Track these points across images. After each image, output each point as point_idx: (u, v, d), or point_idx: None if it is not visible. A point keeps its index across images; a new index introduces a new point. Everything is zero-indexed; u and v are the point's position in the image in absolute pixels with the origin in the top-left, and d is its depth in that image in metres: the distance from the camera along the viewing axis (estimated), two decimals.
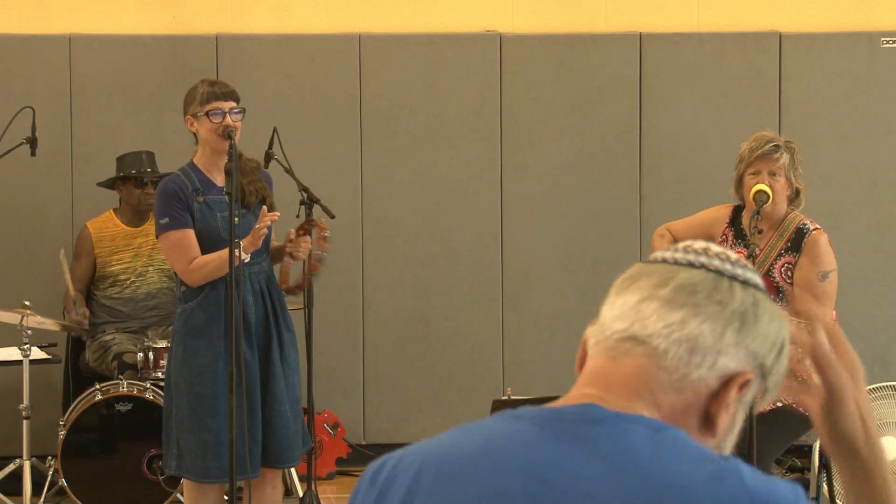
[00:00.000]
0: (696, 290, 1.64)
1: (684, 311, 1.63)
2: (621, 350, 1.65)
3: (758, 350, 1.64)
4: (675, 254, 1.69)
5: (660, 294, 1.64)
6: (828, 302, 5.25)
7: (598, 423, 1.61)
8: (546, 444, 1.59)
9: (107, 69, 7.10)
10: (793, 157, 5.33)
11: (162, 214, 5.13)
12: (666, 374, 1.63)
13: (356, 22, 7.31)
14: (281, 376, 5.15)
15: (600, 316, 1.70)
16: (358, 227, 7.19)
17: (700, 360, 1.62)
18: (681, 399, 1.63)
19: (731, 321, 1.63)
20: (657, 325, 1.63)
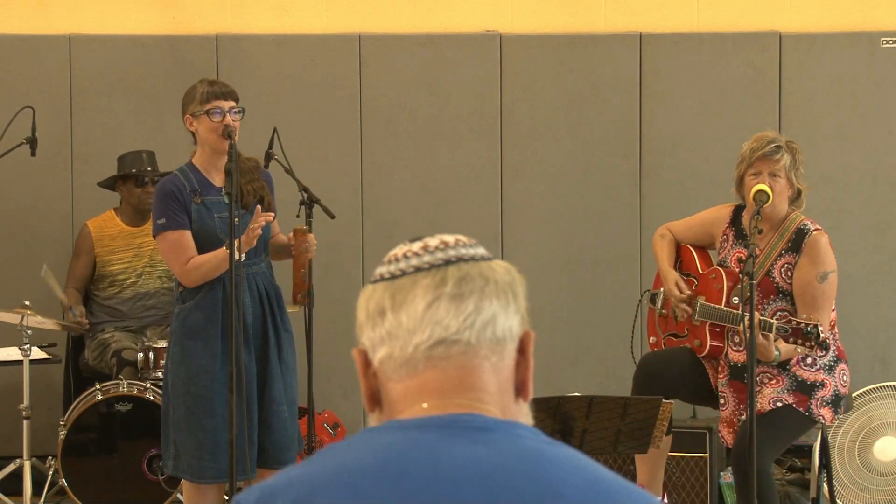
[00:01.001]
0: (471, 276, 1.70)
1: (473, 299, 1.68)
2: (437, 356, 1.67)
3: (524, 310, 1.72)
4: (419, 257, 1.73)
5: (445, 292, 1.68)
6: (826, 303, 5.25)
7: (490, 430, 1.64)
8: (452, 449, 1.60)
9: (107, 69, 7.10)
10: (794, 157, 5.32)
11: (159, 215, 5.12)
12: (487, 362, 1.68)
13: (356, 22, 7.30)
14: (279, 377, 5.14)
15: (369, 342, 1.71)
16: (358, 227, 7.19)
17: (503, 336, 1.68)
18: (501, 379, 1.69)
19: (507, 292, 1.70)
20: (457, 321, 1.67)
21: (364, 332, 1.72)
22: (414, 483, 1.58)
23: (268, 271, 5.28)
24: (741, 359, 5.29)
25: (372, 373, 1.70)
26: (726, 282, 5.43)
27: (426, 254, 1.73)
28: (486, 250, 1.77)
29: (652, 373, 5.48)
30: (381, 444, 1.62)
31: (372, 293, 1.73)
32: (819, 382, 5.29)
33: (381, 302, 1.71)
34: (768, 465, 5.18)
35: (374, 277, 1.75)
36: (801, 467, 6.77)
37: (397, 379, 1.68)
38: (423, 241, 1.75)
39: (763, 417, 5.14)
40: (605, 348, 7.12)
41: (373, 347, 1.71)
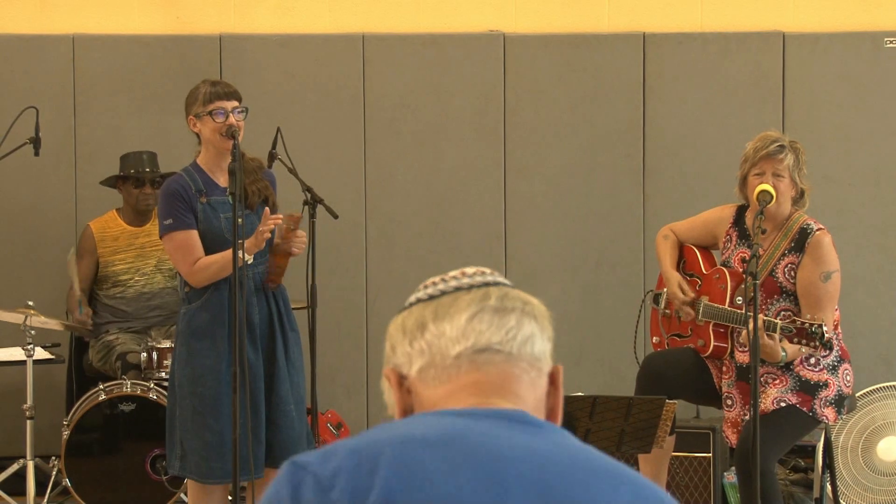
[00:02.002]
0: (511, 296, 1.74)
1: (514, 316, 1.72)
2: (481, 361, 1.70)
3: (551, 340, 1.76)
4: (459, 279, 1.77)
5: (488, 305, 1.72)
6: (830, 303, 5.25)
7: (540, 426, 1.68)
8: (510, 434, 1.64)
9: (110, 69, 7.10)
10: (797, 157, 5.32)
11: (165, 215, 5.12)
12: (526, 375, 1.72)
13: (359, 22, 7.31)
14: (286, 376, 5.15)
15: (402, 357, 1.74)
16: (361, 227, 7.19)
17: (540, 356, 1.74)
18: (537, 397, 1.73)
19: (541, 319, 1.75)
20: (500, 333, 1.71)
21: (398, 350, 1.74)
22: (478, 458, 1.60)
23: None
24: (747, 359, 5.29)
25: (406, 389, 1.72)
26: (730, 282, 5.43)
27: (465, 277, 1.77)
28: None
29: (655, 373, 5.48)
30: (439, 423, 1.65)
31: (408, 314, 1.75)
32: (822, 382, 5.29)
33: (421, 317, 1.74)
34: (772, 465, 5.18)
35: (409, 302, 1.77)
36: (805, 467, 6.77)
37: (436, 385, 1.71)
38: (461, 270, 1.78)
39: (766, 417, 5.14)
40: (609, 348, 7.13)
41: (409, 362, 1.73)
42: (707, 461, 5.92)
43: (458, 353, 1.69)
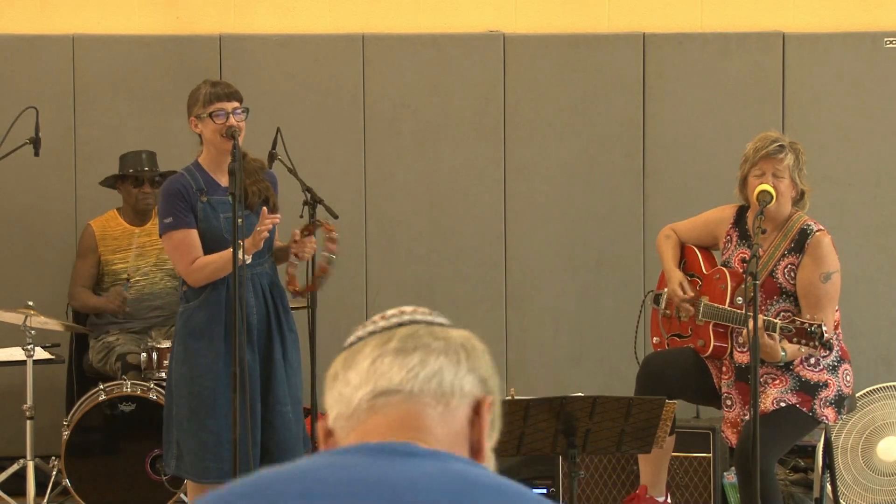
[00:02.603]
0: (419, 335, 1.74)
1: (419, 354, 1.72)
2: (379, 405, 1.71)
3: (485, 375, 1.74)
4: (376, 323, 1.78)
5: (389, 347, 1.72)
6: (830, 303, 5.25)
7: (417, 455, 1.66)
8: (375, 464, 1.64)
9: (110, 69, 7.10)
10: (797, 157, 5.33)
11: (165, 214, 5.13)
12: (432, 409, 1.70)
13: (359, 22, 7.31)
14: (283, 377, 5.15)
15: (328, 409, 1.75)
16: (361, 228, 7.19)
17: (450, 390, 1.71)
18: (452, 431, 1.70)
19: (459, 352, 1.73)
20: (401, 374, 1.71)
21: (326, 402, 1.76)
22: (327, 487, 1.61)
23: (271, 272, 5.28)
24: (747, 360, 5.29)
25: (332, 442, 1.74)
26: (730, 282, 5.44)
27: (382, 320, 1.77)
28: (447, 320, 1.80)
29: (655, 373, 5.49)
30: (309, 461, 1.67)
31: (332, 365, 1.78)
32: (822, 383, 5.29)
33: (335, 368, 1.76)
34: (772, 466, 5.18)
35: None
36: (805, 467, 6.77)
37: (347, 433, 1.72)
38: (383, 313, 1.79)
39: (766, 417, 5.15)
40: (609, 348, 7.13)
41: (329, 412, 1.75)
42: (707, 461, 5.92)
43: (359, 398, 1.71)
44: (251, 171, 5.20)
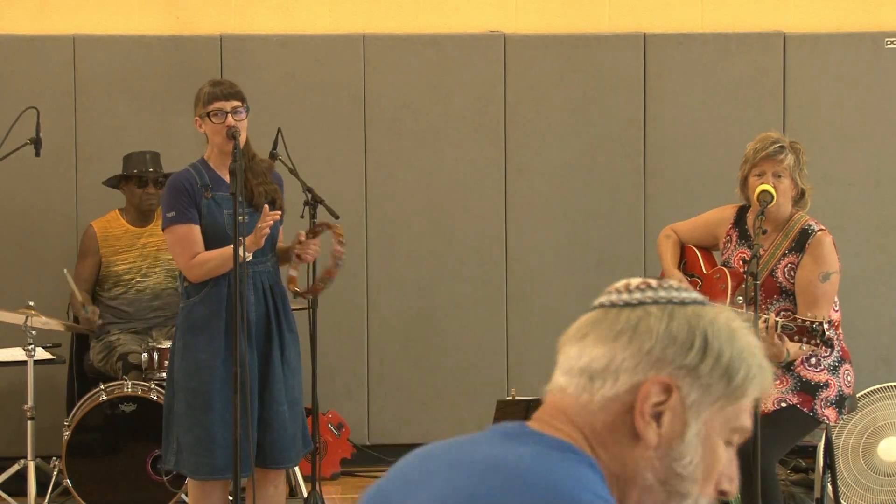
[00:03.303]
0: (586, 324, 1.76)
1: (578, 346, 1.74)
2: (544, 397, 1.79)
3: (663, 355, 1.69)
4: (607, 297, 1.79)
5: (567, 338, 1.77)
6: (826, 303, 5.25)
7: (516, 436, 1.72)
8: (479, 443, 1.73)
9: (111, 69, 7.10)
10: (798, 157, 5.32)
11: (169, 208, 5.14)
12: (573, 400, 1.73)
13: (360, 22, 7.31)
14: (280, 377, 5.15)
15: None
16: (362, 228, 7.19)
17: (601, 383, 1.71)
18: (598, 420, 1.71)
19: (619, 338, 1.71)
20: (563, 366, 1.76)
21: None
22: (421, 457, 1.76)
23: (273, 271, 5.28)
24: None
25: None
26: (730, 282, 5.44)
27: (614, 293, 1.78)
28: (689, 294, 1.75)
29: None
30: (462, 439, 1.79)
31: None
32: (823, 383, 5.29)
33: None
34: (772, 466, 5.18)
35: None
36: (806, 467, 6.77)
37: None
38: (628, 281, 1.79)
39: (767, 418, 5.14)
40: None
41: None
42: None
43: None
44: (259, 171, 5.21)
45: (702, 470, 1.71)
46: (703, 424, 1.70)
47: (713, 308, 1.74)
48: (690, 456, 1.71)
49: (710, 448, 1.72)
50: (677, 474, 1.70)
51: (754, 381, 1.71)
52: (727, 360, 1.70)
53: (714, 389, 1.70)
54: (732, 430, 1.73)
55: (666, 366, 1.69)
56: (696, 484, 1.71)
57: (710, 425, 1.71)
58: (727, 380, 1.70)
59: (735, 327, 1.72)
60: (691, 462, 1.71)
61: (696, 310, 1.73)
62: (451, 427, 7.05)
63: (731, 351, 1.70)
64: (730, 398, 1.71)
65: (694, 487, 1.71)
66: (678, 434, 1.70)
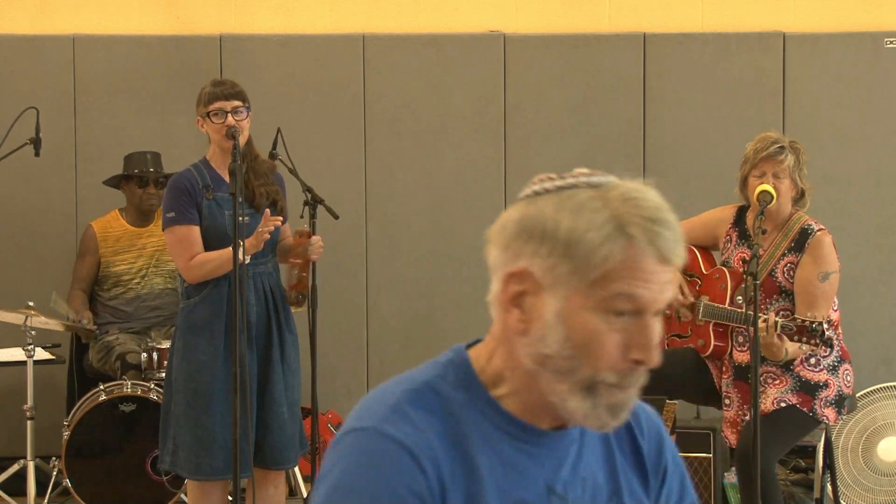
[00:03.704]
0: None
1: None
2: None
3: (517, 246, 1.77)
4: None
5: None
6: (825, 303, 5.25)
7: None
8: None
9: (110, 70, 7.11)
10: (798, 158, 5.32)
11: (169, 208, 5.14)
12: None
13: (360, 22, 7.31)
14: (280, 378, 5.15)
15: None
16: (362, 228, 7.19)
17: (491, 285, 1.81)
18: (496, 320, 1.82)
19: (494, 238, 1.81)
20: None
21: None
22: None
23: (274, 272, 5.28)
24: (746, 359, 5.29)
25: None
26: (730, 282, 5.44)
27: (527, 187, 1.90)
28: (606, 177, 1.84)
29: (655, 373, 5.43)
30: None
31: None
32: (823, 383, 5.29)
33: None
34: (772, 466, 5.18)
35: None
36: (805, 467, 6.77)
37: None
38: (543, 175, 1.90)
39: (767, 418, 5.14)
40: None
41: None
42: (707, 462, 5.92)
43: None
44: (261, 172, 5.22)
45: (572, 347, 1.73)
46: (564, 303, 1.73)
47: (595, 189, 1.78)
48: (554, 336, 1.74)
49: (580, 325, 1.73)
50: (546, 356, 1.75)
51: (604, 248, 1.72)
52: (565, 236, 1.74)
53: (561, 268, 1.73)
54: (610, 300, 1.72)
55: (520, 257, 1.75)
56: (574, 360, 1.74)
57: (573, 301, 1.73)
58: (570, 256, 1.73)
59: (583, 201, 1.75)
60: (556, 341, 1.74)
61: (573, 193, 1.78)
62: None
63: (570, 226, 1.74)
64: (583, 272, 1.72)
65: (575, 363, 1.74)
66: (538, 317, 1.74)
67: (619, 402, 1.78)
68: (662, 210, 1.74)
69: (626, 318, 1.73)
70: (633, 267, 1.71)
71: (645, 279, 1.71)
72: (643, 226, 1.72)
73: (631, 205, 1.74)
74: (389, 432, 1.73)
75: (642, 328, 1.75)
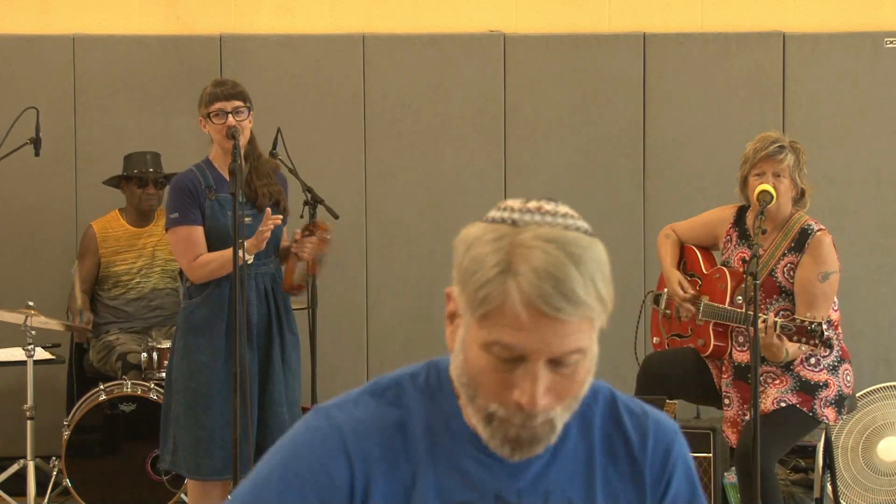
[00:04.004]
0: None
1: None
2: None
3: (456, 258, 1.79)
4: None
5: None
6: (825, 303, 5.25)
7: None
8: None
9: (110, 70, 7.11)
10: (798, 157, 5.33)
11: (172, 209, 5.15)
12: None
13: (360, 22, 7.31)
14: (280, 378, 5.15)
15: None
16: (362, 228, 7.19)
17: None
18: None
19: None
20: None
21: None
22: None
23: (276, 273, 5.29)
24: (745, 359, 5.29)
25: None
26: (730, 281, 5.44)
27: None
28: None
29: (655, 373, 5.49)
30: None
31: None
32: (823, 383, 5.30)
33: None
34: (772, 466, 5.18)
35: None
36: (805, 467, 6.77)
37: None
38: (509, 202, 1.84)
39: (767, 417, 5.15)
40: (609, 349, 7.09)
41: None
42: (707, 461, 5.92)
43: None
44: (264, 172, 5.22)
45: (467, 376, 1.76)
46: (466, 331, 1.75)
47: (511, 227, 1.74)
48: (457, 361, 1.78)
49: (473, 357, 1.75)
50: (456, 376, 1.79)
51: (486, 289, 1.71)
52: (464, 268, 1.76)
53: (462, 298, 1.76)
54: (490, 343, 1.72)
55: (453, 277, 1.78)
56: (472, 389, 1.76)
57: (470, 332, 1.74)
58: (465, 289, 1.75)
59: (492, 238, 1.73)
60: (457, 367, 1.78)
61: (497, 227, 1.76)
62: None
63: (470, 258, 1.75)
64: (472, 307, 1.73)
65: (472, 392, 1.76)
66: (456, 338, 1.78)
67: (516, 436, 1.75)
68: (559, 264, 1.69)
69: (509, 362, 1.72)
70: (509, 314, 1.69)
71: (520, 327, 1.69)
72: (528, 276, 1.69)
73: (528, 252, 1.70)
74: (333, 414, 1.81)
75: (524, 374, 1.72)
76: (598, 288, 1.76)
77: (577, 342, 1.72)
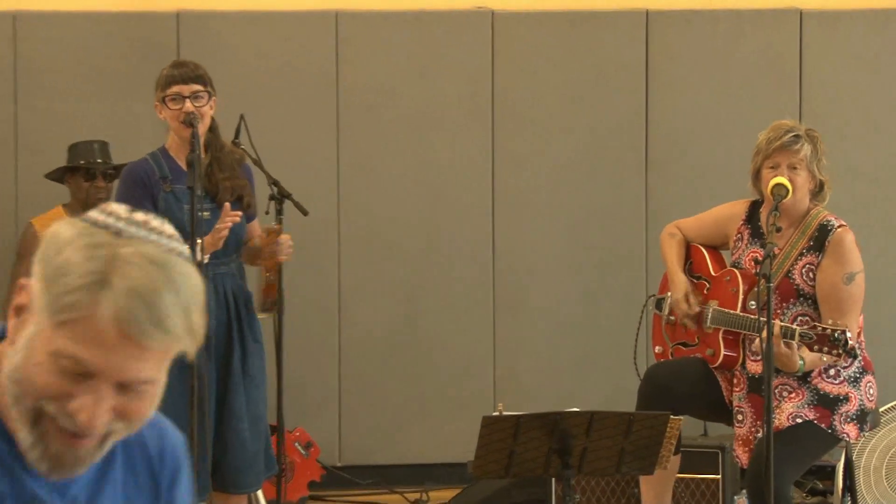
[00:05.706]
0: None
1: None
2: None
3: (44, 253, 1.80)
4: None
5: None
6: (854, 307, 5.25)
7: None
8: None
9: (56, 50, 7.09)
10: (815, 147, 5.32)
11: (121, 200, 5.12)
12: None
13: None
14: (241, 391, 5.13)
15: None
16: (334, 225, 7.18)
17: None
18: None
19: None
20: None
21: None
22: None
23: (237, 273, 5.26)
24: (760, 370, 5.28)
25: None
26: (742, 285, 5.43)
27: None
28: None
29: (659, 386, 5.48)
30: None
31: None
32: (843, 396, 5.29)
33: None
34: (787, 488, 5.18)
35: None
36: (823, 490, 6.78)
37: None
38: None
39: (781, 434, 5.14)
40: (611, 358, 7.11)
41: None
42: (716, 483, 5.92)
43: None
44: (227, 164, 5.21)
45: (23, 375, 1.79)
46: (38, 332, 1.77)
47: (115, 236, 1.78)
48: (16, 358, 1.79)
49: (37, 359, 1.77)
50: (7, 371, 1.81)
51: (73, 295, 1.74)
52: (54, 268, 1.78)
53: (42, 298, 1.78)
54: (57, 350, 1.76)
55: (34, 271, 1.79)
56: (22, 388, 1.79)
57: (43, 335, 1.77)
58: (49, 290, 1.77)
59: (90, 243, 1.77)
60: (13, 364, 1.80)
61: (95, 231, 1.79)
62: (430, 446, 7.03)
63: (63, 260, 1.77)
64: (54, 310, 1.76)
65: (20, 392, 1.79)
66: (21, 335, 1.80)
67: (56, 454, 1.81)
68: (157, 290, 1.75)
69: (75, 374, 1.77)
70: (92, 329, 1.74)
71: (99, 345, 1.74)
72: (123, 295, 1.74)
73: (128, 269, 1.75)
74: None
75: (87, 390, 1.77)
76: (192, 320, 1.79)
77: (151, 372, 1.78)
